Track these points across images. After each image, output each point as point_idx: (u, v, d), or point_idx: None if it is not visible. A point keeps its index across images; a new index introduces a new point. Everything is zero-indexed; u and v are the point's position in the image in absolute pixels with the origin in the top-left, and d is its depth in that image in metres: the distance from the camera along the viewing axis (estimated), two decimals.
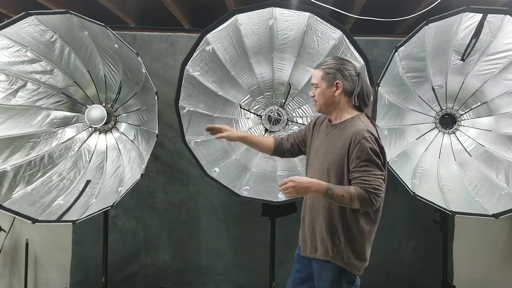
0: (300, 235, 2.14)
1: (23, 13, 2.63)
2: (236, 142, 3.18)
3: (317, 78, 1.99)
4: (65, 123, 3.11)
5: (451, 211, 2.74)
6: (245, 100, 3.19)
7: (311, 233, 2.01)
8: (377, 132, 1.97)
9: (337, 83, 1.94)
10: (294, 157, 2.35)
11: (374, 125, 2.02)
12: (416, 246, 3.67)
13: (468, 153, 3.14)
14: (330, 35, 2.72)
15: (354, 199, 1.79)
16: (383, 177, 1.84)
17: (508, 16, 2.65)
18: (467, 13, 2.67)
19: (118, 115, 3.17)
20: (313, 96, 2.04)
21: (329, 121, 2.06)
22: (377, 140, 1.85)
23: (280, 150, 2.29)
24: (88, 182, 3.01)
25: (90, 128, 3.17)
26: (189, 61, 2.77)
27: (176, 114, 2.87)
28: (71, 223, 2.66)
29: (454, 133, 3.23)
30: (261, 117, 3.24)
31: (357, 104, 1.98)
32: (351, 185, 1.85)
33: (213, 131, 2.26)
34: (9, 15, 3.25)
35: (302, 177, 1.87)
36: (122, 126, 3.18)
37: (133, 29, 3.57)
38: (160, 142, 3.33)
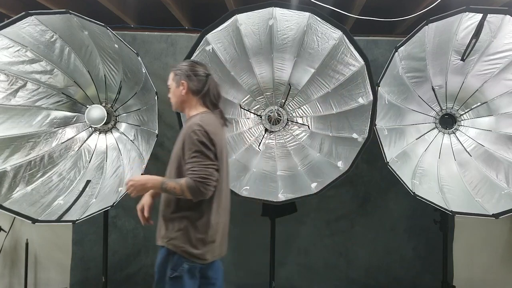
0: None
1: (23, 13, 2.63)
2: (237, 142, 3.20)
3: (169, 80, 2.15)
4: (65, 123, 3.11)
5: (451, 211, 2.74)
6: (245, 100, 3.19)
7: (159, 222, 2.10)
8: (221, 127, 2.10)
9: (182, 83, 2.08)
10: None
11: (225, 121, 2.15)
12: (416, 246, 3.68)
13: (468, 153, 3.14)
14: (330, 35, 2.72)
15: (184, 189, 1.89)
16: (214, 167, 1.93)
17: (508, 16, 2.66)
18: (467, 13, 2.67)
19: (118, 115, 3.16)
20: (170, 98, 2.19)
21: None
22: (206, 132, 1.93)
23: None
24: (88, 182, 3.01)
25: (90, 128, 3.17)
26: None
27: (176, 114, 2.87)
28: (71, 223, 2.67)
29: (454, 133, 3.23)
30: (261, 117, 3.24)
31: (207, 103, 2.11)
32: None
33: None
34: (9, 15, 3.25)
35: (141, 176, 2.03)
36: (122, 126, 3.18)
37: (133, 29, 3.57)
38: (160, 142, 3.33)
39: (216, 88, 2.12)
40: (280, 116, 3.22)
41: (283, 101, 3.18)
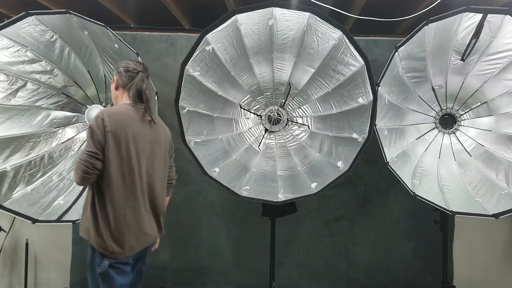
0: None
1: (23, 13, 2.63)
2: (237, 142, 3.20)
3: None
4: (65, 123, 3.12)
5: (451, 211, 2.74)
6: (245, 100, 3.19)
7: None
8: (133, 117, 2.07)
9: (114, 79, 2.21)
10: None
11: (146, 116, 2.12)
12: (416, 246, 3.68)
13: (468, 153, 3.14)
14: (330, 35, 2.72)
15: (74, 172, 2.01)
16: (90, 154, 1.95)
17: (508, 16, 2.66)
18: (467, 13, 2.67)
19: None
20: None
21: None
22: (102, 120, 1.98)
23: None
24: None
25: None
26: (189, 61, 2.77)
27: (176, 114, 2.88)
28: (71, 223, 2.67)
29: (454, 133, 3.23)
30: (261, 117, 3.24)
31: (130, 97, 2.15)
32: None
33: None
34: (9, 15, 3.26)
35: None
36: None
37: (133, 29, 3.57)
38: None
39: (139, 84, 2.14)
40: (280, 116, 3.22)
41: (283, 101, 3.18)
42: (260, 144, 3.24)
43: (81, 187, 2.96)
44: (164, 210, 2.26)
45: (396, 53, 2.80)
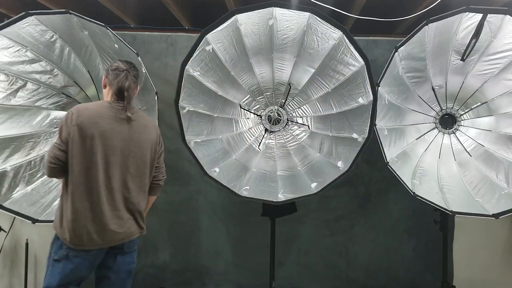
0: None
1: (23, 13, 2.63)
2: (237, 142, 3.20)
3: None
4: None
5: (451, 211, 2.74)
6: (245, 100, 3.19)
7: None
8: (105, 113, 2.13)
9: (103, 77, 2.29)
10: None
11: (123, 113, 2.16)
12: (416, 246, 3.68)
13: (468, 153, 3.14)
14: (330, 35, 2.72)
15: None
16: (56, 146, 2.06)
17: (508, 16, 2.66)
18: (467, 13, 2.67)
19: None
20: None
21: None
22: (72, 114, 2.07)
23: None
24: None
25: None
26: (189, 61, 2.77)
27: (176, 114, 2.88)
28: None
29: (454, 133, 3.23)
30: (261, 117, 3.24)
31: (115, 95, 2.21)
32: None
33: None
34: (9, 15, 3.26)
35: None
36: None
37: (133, 29, 3.57)
38: None
39: (122, 81, 2.19)
40: (280, 116, 3.22)
41: (283, 101, 3.18)
42: (260, 144, 3.24)
43: None
44: (141, 209, 2.24)
45: (396, 53, 2.79)
